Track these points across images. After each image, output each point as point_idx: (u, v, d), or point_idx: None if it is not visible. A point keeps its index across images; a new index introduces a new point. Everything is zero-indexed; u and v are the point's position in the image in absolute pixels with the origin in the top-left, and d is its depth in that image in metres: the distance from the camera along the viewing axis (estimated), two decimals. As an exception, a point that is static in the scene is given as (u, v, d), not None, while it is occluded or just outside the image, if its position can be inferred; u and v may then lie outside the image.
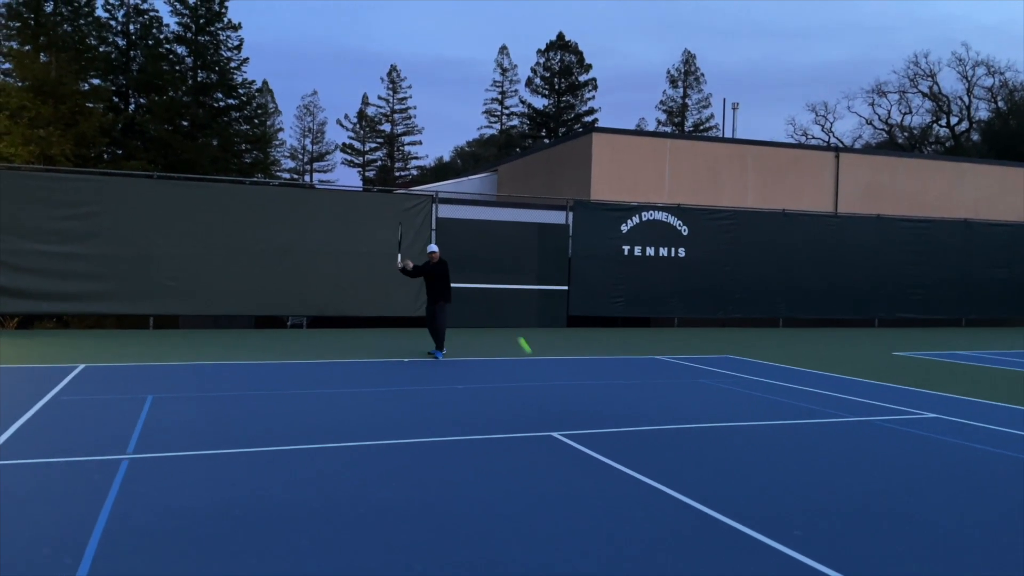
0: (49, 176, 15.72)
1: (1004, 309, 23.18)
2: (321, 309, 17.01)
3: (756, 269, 20.51)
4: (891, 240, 21.85)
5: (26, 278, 14.98)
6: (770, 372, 10.99)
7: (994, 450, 6.25)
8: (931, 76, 55.41)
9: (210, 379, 9.25)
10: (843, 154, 27.34)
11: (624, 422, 7.04)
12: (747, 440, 6.43)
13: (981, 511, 4.60)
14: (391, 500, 4.55)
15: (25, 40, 32.85)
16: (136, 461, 5.33)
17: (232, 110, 40.68)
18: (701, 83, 63.66)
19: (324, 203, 17.37)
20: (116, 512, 4.21)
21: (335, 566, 3.54)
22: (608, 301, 19.20)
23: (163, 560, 3.57)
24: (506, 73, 66.11)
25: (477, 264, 17.97)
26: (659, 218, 19.69)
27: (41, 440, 5.94)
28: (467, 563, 3.61)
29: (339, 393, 8.43)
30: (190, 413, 7.04)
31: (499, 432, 6.53)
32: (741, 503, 4.61)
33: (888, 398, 8.82)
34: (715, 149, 25.87)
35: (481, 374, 10.18)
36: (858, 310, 21.68)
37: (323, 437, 6.18)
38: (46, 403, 7.38)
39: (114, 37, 38.16)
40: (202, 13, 39.13)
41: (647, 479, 5.10)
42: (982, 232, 22.92)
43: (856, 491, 4.96)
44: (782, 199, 24.87)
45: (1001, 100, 53.61)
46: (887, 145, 55.90)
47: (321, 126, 70.35)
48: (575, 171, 25.10)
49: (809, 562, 3.70)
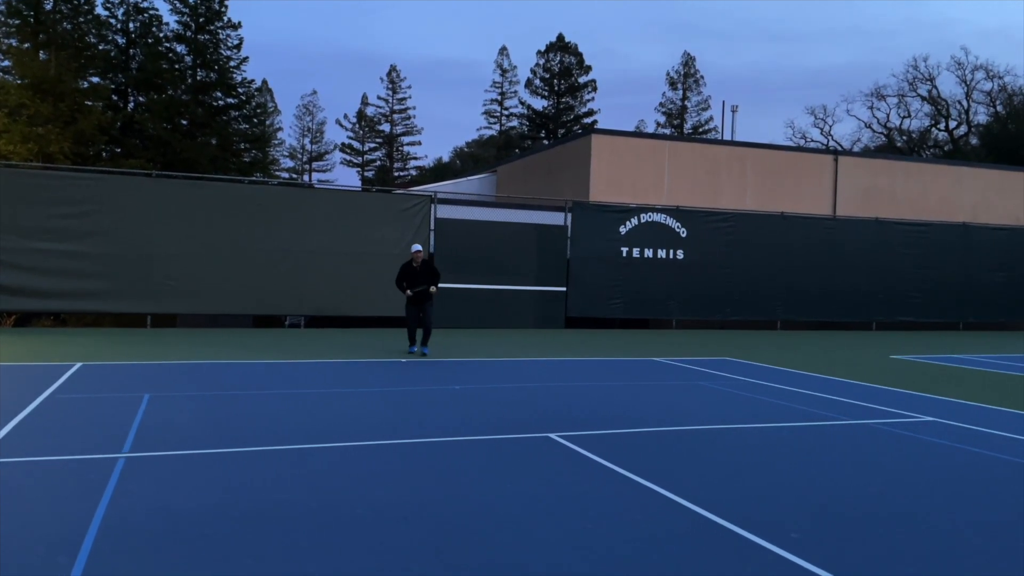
0: (47, 174, 15.70)
1: (1002, 313, 23.20)
2: (319, 308, 16.99)
3: (754, 271, 20.52)
4: (889, 243, 21.86)
5: (24, 276, 14.96)
6: (768, 375, 10.99)
7: (991, 454, 6.25)
8: (930, 80, 55.53)
9: (207, 378, 9.23)
10: (842, 157, 27.36)
11: (622, 424, 7.04)
12: (744, 442, 6.43)
13: (978, 514, 4.60)
14: (388, 500, 4.54)
15: (24, 38, 32.81)
16: (132, 460, 5.32)
17: (231, 109, 40.65)
18: (701, 85, 63.71)
19: (323, 203, 17.36)
20: (111, 511, 4.20)
21: (332, 566, 3.53)
22: (606, 302, 19.19)
23: (158, 559, 3.56)
24: (506, 74, 66.14)
25: (475, 265, 17.97)
26: (658, 220, 19.69)
27: (37, 438, 5.92)
28: (464, 564, 3.60)
29: (336, 393, 8.42)
30: (187, 412, 7.03)
31: (497, 433, 6.52)
32: (738, 505, 4.61)
33: (885, 401, 8.82)
34: (714, 151, 25.87)
35: (479, 375, 10.17)
36: (856, 313, 21.69)
37: (320, 437, 6.17)
38: (43, 401, 7.37)
39: (113, 35, 38.12)
40: (202, 12, 39.11)
41: (644, 481, 5.10)
42: (980, 236, 22.94)
43: (853, 494, 4.95)
44: (781, 202, 24.87)
45: (1000, 104, 53.70)
46: (886, 149, 55.96)
47: (320, 126, 70.41)
48: (574, 172, 25.10)
49: (806, 565, 3.69)
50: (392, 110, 68.72)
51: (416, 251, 12.20)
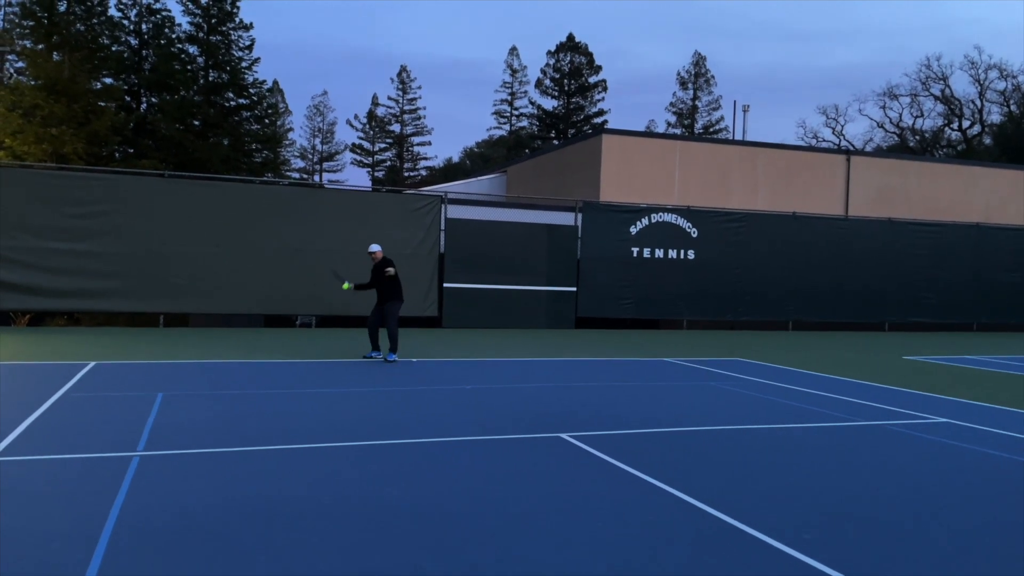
0: (61, 175, 15.82)
1: (1016, 314, 23.02)
2: (330, 308, 17.04)
3: (766, 272, 20.45)
4: (902, 244, 21.74)
5: (38, 275, 15.08)
6: (779, 375, 10.95)
7: (1006, 455, 6.21)
8: (943, 79, 55.18)
9: (220, 377, 9.28)
10: (854, 157, 27.23)
11: (633, 424, 7.03)
12: (756, 443, 6.41)
13: (991, 515, 4.57)
14: (400, 499, 4.56)
15: (38, 39, 33.05)
16: (146, 458, 5.35)
17: (243, 110, 40.80)
18: (711, 85, 63.49)
19: (334, 203, 17.42)
20: (126, 509, 4.23)
21: (345, 564, 3.54)
22: (617, 303, 19.17)
23: (173, 557, 3.59)
24: (516, 74, 66.10)
25: (486, 265, 17.99)
26: (668, 220, 19.65)
27: (52, 437, 5.97)
28: (475, 563, 3.61)
29: (348, 392, 8.44)
30: (200, 411, 7.07)
31: (508, 433, 6.53)
32: (749, 506, 4.60)
33: (898, 402, 8.77)
34: (725, 151, 25.81)
35: (489, 374, 10.18)
36: (868, 314, 21.58)
37: (332, 436, 6.20)
38: (57, 400, 7.43)
39: (126, 36, 38.34)
40: (214, 13, 39.28)
41: (655, 481, 5.10)
42: (994, 236, 22.78)
43: (866, 495, 4.94)
44: (792, 202, 24.78)
45: (1014, 103, 53.32)
46: (898, 148, 55.65)
47: (331, 126, 70.52)
48: (584, 172, 25.09)
49: (819, 566, 3.68)
50: (402, 110, 68.82)
51: (374, 251, 11.71)
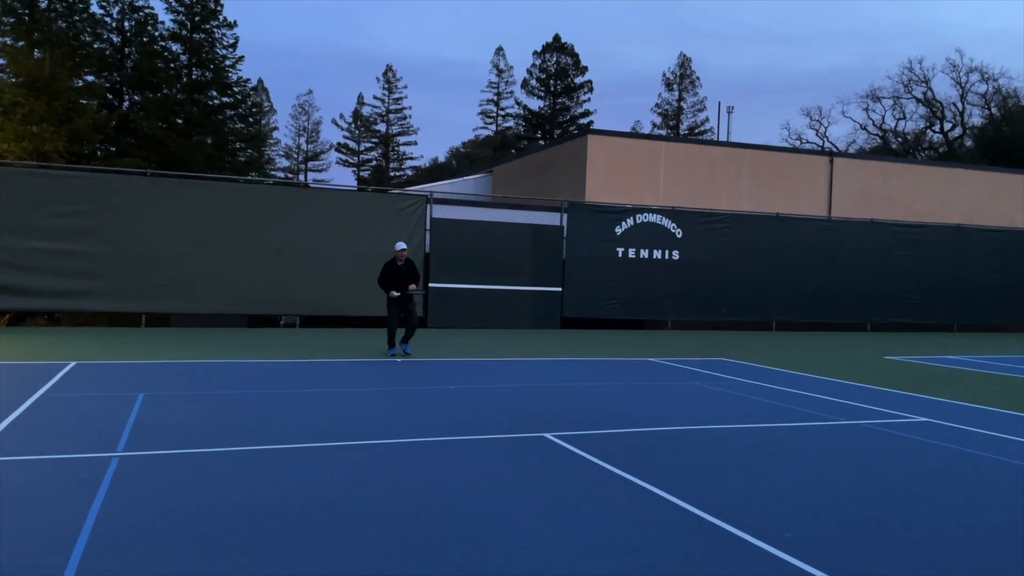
0: (42, 173, 15.66)
1: (996, 314, 23.28)
2: (315, 308, 16.97)
3: (750, 272, 20.56)
4: (884, 245, 21.92)
5: (18, 275, 14.91)
6: (763, 375, 11.01)
7: (985, 454, 6.27)
8: (925, 82, 55.70)
9: (202, 377, 9.21)
10: (837, 159, 27.43)
11: (617, 423, 7.04)
12: (739, 443, 6.44)
13: (971, 515, 4.61)
14: (384, 500, 4.54)
15: (19, 36, 32.73)
16: (127, 459, 5.30)
17: (227, 108, 40.62)
18: (697, 87, 63.83)
19: (318, 202, 17.34)
20: (106, 510, 4.19)
21: (327, 566, 3.52)
22: (602, 303, 19.21)
23: (153, 559, 3.55)
24: (502, 74, 66.16)
25: (471, 265, 17.97)
26: (653, 221, 19.71)
27: (31, 437, 5.90)
28: (459, 563, 3.60)
29: (331, 392, 8.41)
30: (181, 411, 7.01)
31: (492, 433, 6.52)
32: (732, 505, 4.62)
33: (880, 402, 8.84)
34: (710, 152, 25.92)
35: (474, 375, 10.17)
36: (851, 314, 21.74)
37: (315, 436, 6.16)
38: (36, 400, 7.34)
39: (108, 34, 38.04)
40: (197, 11, 39.05)
41: (639, 480, 5.10)
42: (975, 237, 23.02)
43: (847, 494, 4.97)
44: (776, 203, 24.92)
45: (994, 106, 53.91)
46: (881, 150, 56.11)
47: (316, 125, 70.34)
48: (570, 173, 25.12)
49: (800, 564, 3.70)
50: (388, 110, 68.69)
51: (401, 249, 11.83)
